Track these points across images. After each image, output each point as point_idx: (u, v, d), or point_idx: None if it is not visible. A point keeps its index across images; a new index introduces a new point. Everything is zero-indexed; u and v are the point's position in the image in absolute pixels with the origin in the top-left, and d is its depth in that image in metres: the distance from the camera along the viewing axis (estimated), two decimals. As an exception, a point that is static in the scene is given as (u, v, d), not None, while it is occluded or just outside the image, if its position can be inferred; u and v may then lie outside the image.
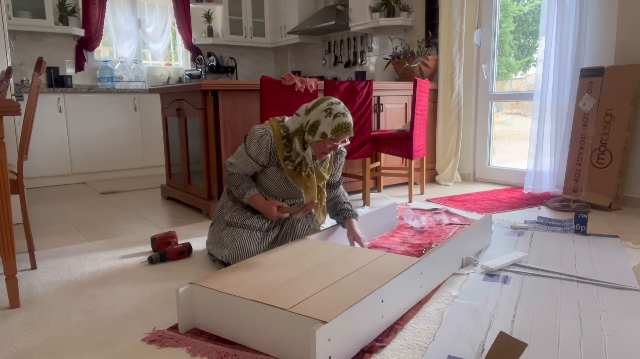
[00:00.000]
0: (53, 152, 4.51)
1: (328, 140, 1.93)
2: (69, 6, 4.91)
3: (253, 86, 3.06)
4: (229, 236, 2.07)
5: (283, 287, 1.53)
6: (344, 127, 1.92)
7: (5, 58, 2.98)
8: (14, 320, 1.67)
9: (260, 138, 1.99)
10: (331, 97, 2.00)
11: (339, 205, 2.24)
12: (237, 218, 2.10)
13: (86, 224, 3.04)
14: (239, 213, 2.12)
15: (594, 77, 3.25)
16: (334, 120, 1.91)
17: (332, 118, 1.91)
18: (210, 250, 2.18)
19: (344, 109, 1.95)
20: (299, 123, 2.00)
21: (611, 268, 2.03)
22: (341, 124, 1.91)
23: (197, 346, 1.45)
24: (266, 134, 2.00)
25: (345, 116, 1.93)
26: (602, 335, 1.46)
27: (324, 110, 1.93)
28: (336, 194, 2.27)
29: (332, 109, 1.93)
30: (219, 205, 2.26)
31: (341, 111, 1.93)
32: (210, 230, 2.26)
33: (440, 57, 4.16)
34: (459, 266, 2.06)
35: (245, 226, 2.08)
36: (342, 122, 1.91)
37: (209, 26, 5.84)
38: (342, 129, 1.92)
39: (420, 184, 3.79)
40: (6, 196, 1.71)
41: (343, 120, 1.92)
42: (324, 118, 1.92)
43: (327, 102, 1.96)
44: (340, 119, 1.91)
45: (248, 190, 2.07)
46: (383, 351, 1.40)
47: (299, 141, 1.98)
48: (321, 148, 1.96)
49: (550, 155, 3.56)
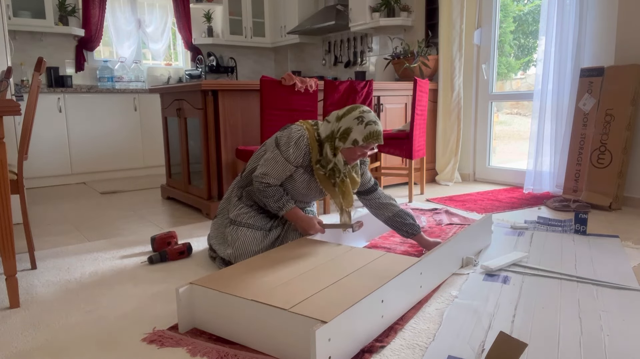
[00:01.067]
0: (53, 152, 4.51)
1: (359, 147, 1.97)
2: (69, 6, 4.91)
3: (253, 86, 3.06)
4: (232, 235, 2.09)
5: (283, 287, 1.53)
6: (375, 134, 1.96)
7: (5, 58, 2.98)
8: (14, 320, 1.67)
9: (299, 139, 2.01)
10: (362, 106, 2.04)
11: (399, 219, 2.19)
12: (241, 217, 2.11)
13: (86, 224, 3.04)
14: (244, 212, 2.13)
15: (594, 77, 3.25)
16: (365, 128, 1.95)
17: (364, 126, 1.95)
18: (213, 245, 2.18)
19: (375, 118, 2.00)
20: (329, 130, 2.03)
21: (611, 268, 2.03)
22: (372, 132, 1.96)
23: (197, 346, 1.45)
24: (304, 135, 2.03)
25: (377, 124, 1.98)
26: (602, 335, 1.46)
27: (356, 117, 1.97)
28: (379, 202, 2.21)
29: (364, 117, 1.97)
30: (225, 197, 2.28)
31: (372, 119, 1.98)
32: (213, 222, 2.27)
33: (440, 57, 4.16)
34: (459, 266, 2.06)
35: (249, 225, 2.09)
36: (373, 130, 1.96)
37: (209, 26, 5.84)
38: (374, 137, 1.96)
39: (420, 184, 3.79)
40: (6, 196, 1.71)
41: (375, 128, 1.96)
42: (356, 125, 1.96)
43: (359, 109, 2.00)
44: (372, 127, 1.96)
45: (287, 202, 2.07)
46: (383, 351, 1.40)
47: (330, 147, 2.01)
48: (351, 154, 2.00)
49: (550, 155, 3.56)
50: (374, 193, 2.24)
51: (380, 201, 2.22)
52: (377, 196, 2.23)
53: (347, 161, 2.03)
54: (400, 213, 2.19)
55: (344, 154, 2.01)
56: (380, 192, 2.24)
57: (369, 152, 2.02)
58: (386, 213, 2.21)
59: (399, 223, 2.19)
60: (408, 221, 2.18)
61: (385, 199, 2.22)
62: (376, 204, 2.22)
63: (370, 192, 2.24)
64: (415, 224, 2.19)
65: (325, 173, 2.05)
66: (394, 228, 2.23)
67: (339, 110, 2.05)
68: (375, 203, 2.23)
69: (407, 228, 2.18)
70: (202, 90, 2.97)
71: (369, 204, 2.25)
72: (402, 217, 2.19)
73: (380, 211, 2.22)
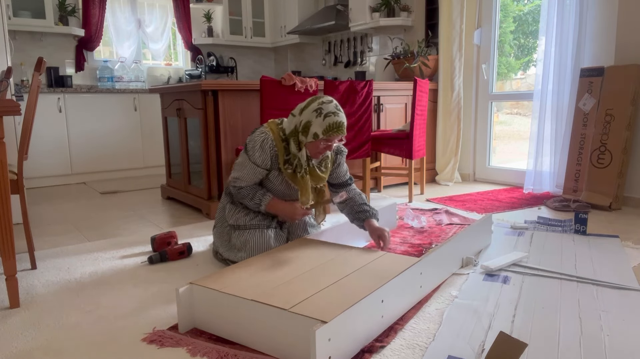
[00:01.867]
0: (53, 152, 4.51)
1: (320, 140, 1.90)
2: (69, 6, 4.91)
3: (253, 86, 3.06)
4: (240, 240, 2.05)
5: (283, 287, 1.53)
6: (335, 126, 1.88)
7: (5, 58, 2.98)
8: (14, 320, 1.67)
9: (262, 142, 1.96)
10: (323, 96, 1.96)
11: (355, 207, 2.14)
12: (241, 220, 2.09)
13: (86, 224, 3.04)
14: (242, 215, 2.10)
15: (594, 77, 3.25)
16: (324, 120, 1.88)
17: (322, 118, 1.88)
18: (223, 254, 2.13)
19: (336, 108, 1.92)
20: (294, 124, 1.97)
21: (611, 268, 2.03)
22: (332, 124, 1.88)
23: (197, 346, 1.45)
24: (267, 138, 1.97)
25: (337, 115, 1.90)
26: (602, 335, 1.46)
27: (315, 110, 1.90)
28: (348, 195, 2.16)
29: (322, 109, 1.89)
30: (220, 206, 2.24)
31: (332, 110, 1.90)
32: (214, 232, 2.23)
33: (440, 57, 4.16)
34: (459, 266, 2.06)
35: (253, 226, 2.07)
36: (332, 122, 1.88)
37: (209, 26, 5.84)
38: (334, 129, 1.88)
39: (420, 184, 3.79)
40: (6, 196, 1.71)
41: (334, 119, 1.88)
42: (315, 118, 1.89)
43: (318, 101, 1.92)
44: (331, 119, 1.88)
45: (263, 196, 2.03)
46: (383, 351, 1.40)
47: (294, 142, 1.96)
48: (316, 148, 1.94)
49: (550, 155, 3.56)
50: (346, 188, 2.19)
51: (350, 195, 2.16)
52: (349, 191, 2.17)
53: (313, 155, 1.97)
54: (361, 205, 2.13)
55: (308, 148, 1.95)
56: (353, 188, 2.20)
57: (336, 143, 1.96)
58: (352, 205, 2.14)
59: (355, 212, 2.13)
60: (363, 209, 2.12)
61: (352, 193, 2.17)
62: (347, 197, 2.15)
63: (343, 186, 2.19)
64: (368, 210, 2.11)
65: (294, 170, 1.99)
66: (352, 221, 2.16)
67: (302, 103, 1.99)
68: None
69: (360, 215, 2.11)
70: (202, 90, 2.97)
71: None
72: (359, 205, 2.13)
73: (347, 205, 2.16)
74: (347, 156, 3.17)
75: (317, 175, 2.04)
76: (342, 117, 1.92)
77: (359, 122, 3.19)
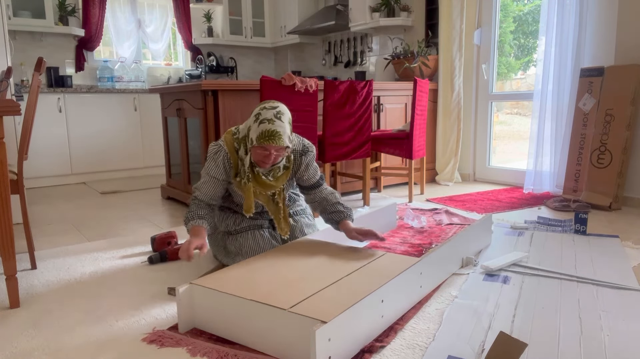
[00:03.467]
0: (53, 152, 4.51)
1: (257, 147, 1.81)
2: (69, 6, 4.91)
3: (253, 86, 3.06)
4: (235, 245, 2.03)
5: (283, 287, 1.53)
6: (267, 134, 1.75)
7: (5, 58, 2.98)
8: (14, 320, 1.67)
9: (215, 155, 1.91)
10: (270, 102, 1.86)
11: (329, 206, 2.05)
12: (232, 226, 2.07)
13: (86, 224, 3.04)
14: (231, 222, 2.07)
15: (594, 77, 3.25)
16: (258, 127, 1.78)
17: (257, 124, 1.79)
18: (222, 260, 2.12)
19: (275, 115, 1.79)
20: (246, 128, 1.88)
21: (611, 268, 2.03)
22: (264, 131, 1.76)
23: (197, 346, 1.45)
24: (220, 150, 1.91)
25: (271, 123, 1.77)
26: (602, 335, 1.46)
27: (255, 114, 1.82)
28: (321, 196, 2.08)
29: (260, 115, 1.80)
30: None
31: (268, 117, 1.78)
32: (208, 240, 2.18)
33: (440, 57, 4.16)
34: (459, 266, 2.06)
35: (245, 229, 2.05)
36: (265, 129, 1.76)
37: (209, 26, 5.85)
38: (265, 137, 1.76)
39: (420, 184, 3.79)
40: (6, 196, 1.71)
41: (266, 127, 1.76)
42: (253, 123, 1.81)
43: (261, 106, 1.84)
44: (265, 126, 1.76)
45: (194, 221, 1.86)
46: (383, 351, 1.40)
47: (244, 146, 1.89)
48: (255, 155, 1.85)
49: (550, 155, 3.56)
50: (318, 188, 2.08)
51: (322, 195, 2.07)
52: (320, 191, 2.08)
53: (258, 163, 1.87)
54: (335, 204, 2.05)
55: (253, 156, 1.86)
56: (324, 187, 2.10)
57: (275, 153, 1.82)
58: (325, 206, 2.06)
59: (328, 212, 2.05)
60: (337, 209, 2.03)
61: (325, 192, 2.08)
62: (319, 198, 2.08)
63: (314, 188, 2.08)
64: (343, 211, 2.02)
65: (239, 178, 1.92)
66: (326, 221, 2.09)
67: None
68: (316, 197, 2.08)
69: (334, 216, 2.03)
70: (202, 90, 2.97)
71: (311, 199, 2.11)
72: (333, 205, 2.04)
73: (320, 205, 2.08)
74: (348, 156, 3.17)
75: (262, 181, 1.93)
76: (278, 126, 1.78)
77: (359, 122, 3.19)
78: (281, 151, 1.84)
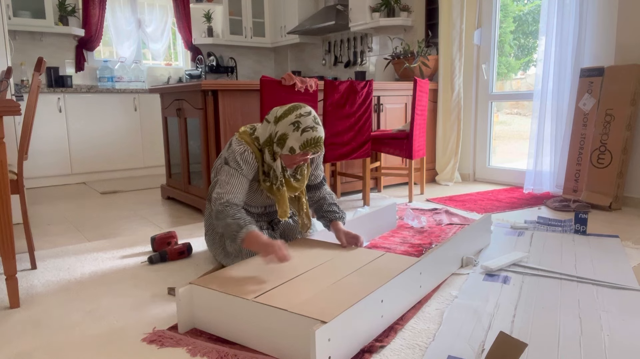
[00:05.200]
0: (53, 152, 4.51)
1: (297, 154, 1.84)
2: (69, 6, 4.91)
3: (253, 86, 3.06)
4: (234, 247, 2.02)
5: (283, 287, 1.53)
6: (313, 142, 1.80)
7: (5, 58, 2.98)
8: (14, 320, 1.67)
9: (242, 155, 1.88)
10: (302, 107, 1.86)
11: (325, 206, 2.11)
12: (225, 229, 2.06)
13: (86, 224, 3.04)
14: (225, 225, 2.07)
15: (594, 77, 3.25)
16: (302, 135, 1.79)
17: (300, 132, 1.79)
18: (221, 261, 2.11)
19: (314, 121, 1.82)
20: (268, 133, 1.88)
21: (611, 268, 2.03)
22: (310, 139, 1.80)
23: (197, 346, 1.45)
24: (247, 150, 1.89)
25: (315, 130, 1.81)
26: (602, 335, 1.46)
27: (292, 123, 1.81)
28: (320, 195, 2.14)
29: (300, 122, 1.80)
30: (207, 214, 2.18)
31: (310, 124, 1.80)
32: (206, 240, 2.19)
33: (440, 57, 4.16)
34: (459, 266, 2.06)
35: None
36: (310, 137, 1.79)
37: (209, 26, 5.84)
38: (311, 145, 1.80)
39: (420, 184, 3.79)
40: (6, 196, 1.71)
41: (312, 135, 1.80)
42: (292, 132, 1.80)
43: (296, 113, 1.82)
44: (309, 134, 1.79)
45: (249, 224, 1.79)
46: (383, 351, 1.40)
47: (269, 152, 1.89)
48: (290, 161, 1.88)
49: (550, 155, 3.56)
50: (320, 189, 2.14)
51: (321, 194, 2.13)
52: (320, 192, 2.14)
53: (288, 165, 1.91)
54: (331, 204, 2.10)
55: (283, 159, 1.88)
56: (325, 188, 2.16)
57: (311, 156, 1.88)
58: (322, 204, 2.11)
59: (323, 210, 2.10)
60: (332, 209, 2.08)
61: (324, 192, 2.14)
62: (316, 197, 2.14)
63: (317, 188, 2.15)
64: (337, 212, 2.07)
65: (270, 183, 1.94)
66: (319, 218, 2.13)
67: (279, 108, 1.88)
68: (315, 196, 2.15)
69: (329, 215, 2.07)
70: (202, 90, 2.97)
71: (310, 198, 2.15)
72: (329, 205, 2.09)
73: (317, 203, 2.13)
74: (348, 156, 3.17)
75: (291, 185, 1.98)
76: (320, 132, 1.83)
77: (359, 122, 3.19)
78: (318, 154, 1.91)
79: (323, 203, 2.12)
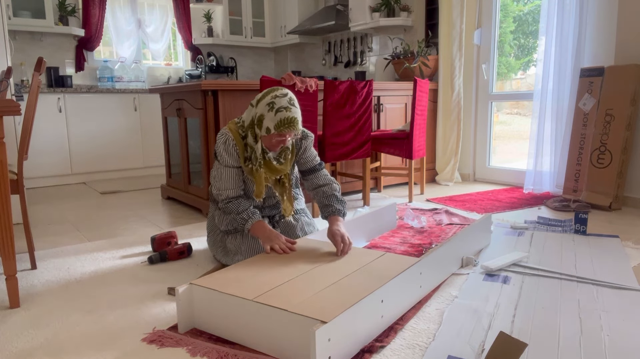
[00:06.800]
0: (53, 152, 4.51)
1: (273, 135, 1.87)
2: (69, 6, 4.91)
3: (253, 86, 3.06)
4: (234, 244, 2.04)
5: (283, 287, 1.53)
6: (287, 122, 1.83)
7: (5, 58, 2.98)
8: (14, 320, 1.67)
9: (224, 144, 1.94)
10: (279, 89, 1.90)
11: (324, 199, 2.07)
12: (232, 224, 2.07)
13: (86, 224, 3.04)
14: (231, 219, 2.08)
15: (594, 77, 3.25)
16: (275, 115, 1.84)
17: (274, 113, 1.84)
18: (221, 260, 2.13)
19: (289, 102, 1.86)
20: (251, 116, 1.94)
21: (611, 268, 2.03)
22: (283, 119, 1.83)
23: (197, 346, 1.45)
24: (228, 138, 1.94)
25: (289, 110, 1.84)
26: (602, 335, 1.46)
27: (268, 103, 1.86)
28: (318, 182, 2.10)
29: (274, 103, 1.85)
30: (210, 215, 2.22)
31: (284, 105, 1.84)
32: (208, 241, 2.22)
33: (440, 57, 4.16)
34: (459, 266, 2.06)
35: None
36: (284, 117, 1.83)
37: (209, 26, 5.84)
38: (285, 125, 1.84)
39: (420, 184, 3.79)
40: (6, 196, 1.71)
41: (285, 115, 1.83)
42: (267, 112, 1.85)
43: (272, 94, 1.88)
44: (283, 114, 1.83)
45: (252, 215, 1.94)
46: (383, 351, 1.40)
47: (252, 134, 1.93)
48: (269, 142, 1.92)
49: (550, 155, 3.56)
50: (315, 173, 2.12)
51: (319, 182, 2.10)
52: (317, 177, 2.11)
53: (269, 147, 1.94)
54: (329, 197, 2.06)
55: (263, 141, 1.93)
56: (324, 174, 2.12)
57: (289, 138, 1.90)
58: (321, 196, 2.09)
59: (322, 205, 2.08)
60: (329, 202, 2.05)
61: (323, 180, 2.10)
62: (314, 184, 2.11)
63: (313, 172, 2.12)
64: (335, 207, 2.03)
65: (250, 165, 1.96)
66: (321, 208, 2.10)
67: (260, 93, 1.95)
68: (314, 183, 2.11)
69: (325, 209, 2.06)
70: (202, 90, 2.97)
71: (309, 186, 2.13)
72: (328, 198, 2.07)
73: (317, 194, 2.11)
74: (348, 156, 3.17)
75: (273, 166, 1.99)
76: (295, 113, 1.86)
77: (359, 122, 3.19)
78: (296, 135, 1.93)
79: (322, 196, 2.09)
